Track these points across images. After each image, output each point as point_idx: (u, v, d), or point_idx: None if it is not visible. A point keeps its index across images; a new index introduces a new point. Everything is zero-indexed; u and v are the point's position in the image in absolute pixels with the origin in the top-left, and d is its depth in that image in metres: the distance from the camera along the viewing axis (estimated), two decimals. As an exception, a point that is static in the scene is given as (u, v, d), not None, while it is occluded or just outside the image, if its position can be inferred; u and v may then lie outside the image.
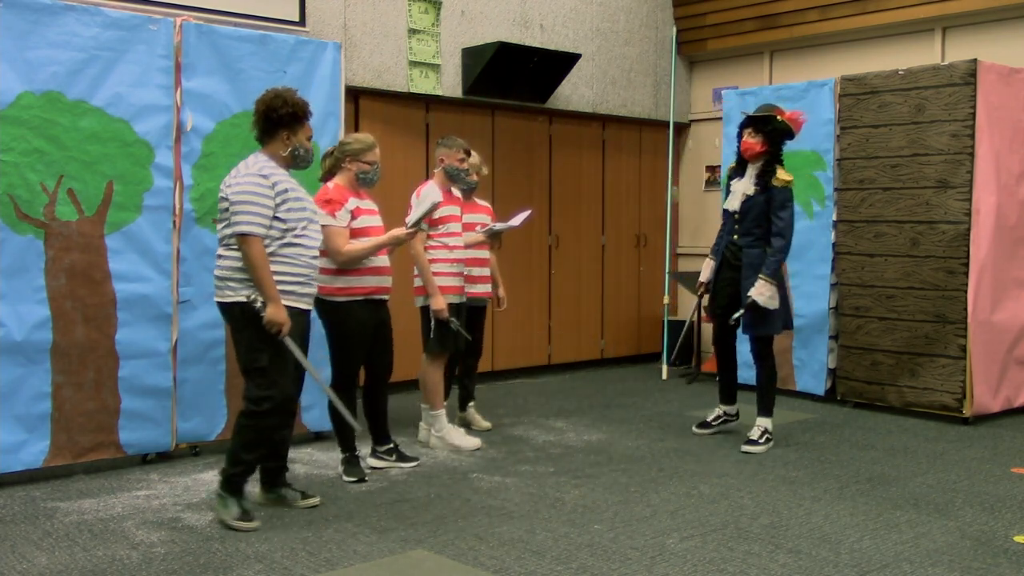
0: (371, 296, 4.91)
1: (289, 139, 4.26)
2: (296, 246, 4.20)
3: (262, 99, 4.27)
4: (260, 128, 4.28)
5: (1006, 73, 6.44)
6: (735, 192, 5.65)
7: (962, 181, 6.25)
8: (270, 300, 4.07)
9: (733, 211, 5.63)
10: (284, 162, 4.28)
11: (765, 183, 5.50)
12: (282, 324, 4.09)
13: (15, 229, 4.71)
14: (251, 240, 4.06)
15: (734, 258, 5.65)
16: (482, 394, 7.08)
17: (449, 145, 5.59)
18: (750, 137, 5.54)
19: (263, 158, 4.24)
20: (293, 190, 4.22)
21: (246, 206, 4.07)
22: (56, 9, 4.81)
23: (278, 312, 4.08)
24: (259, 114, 4.26)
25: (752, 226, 5.55)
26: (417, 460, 5.27)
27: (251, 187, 4.10)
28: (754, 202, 5.53)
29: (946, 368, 6.36)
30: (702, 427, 6.04)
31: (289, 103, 4.23)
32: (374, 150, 4.92)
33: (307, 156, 4.36)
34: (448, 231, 5.54)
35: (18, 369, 4.73)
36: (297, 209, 4.20)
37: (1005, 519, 4.34)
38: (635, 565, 3.74)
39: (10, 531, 4.10)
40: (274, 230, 4.13)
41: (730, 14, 8.74)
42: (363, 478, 4.90)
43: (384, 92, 7.20)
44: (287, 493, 4.50)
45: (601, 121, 8.73)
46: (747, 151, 5.55)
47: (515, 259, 8.09)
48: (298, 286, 4.22)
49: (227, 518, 4.15)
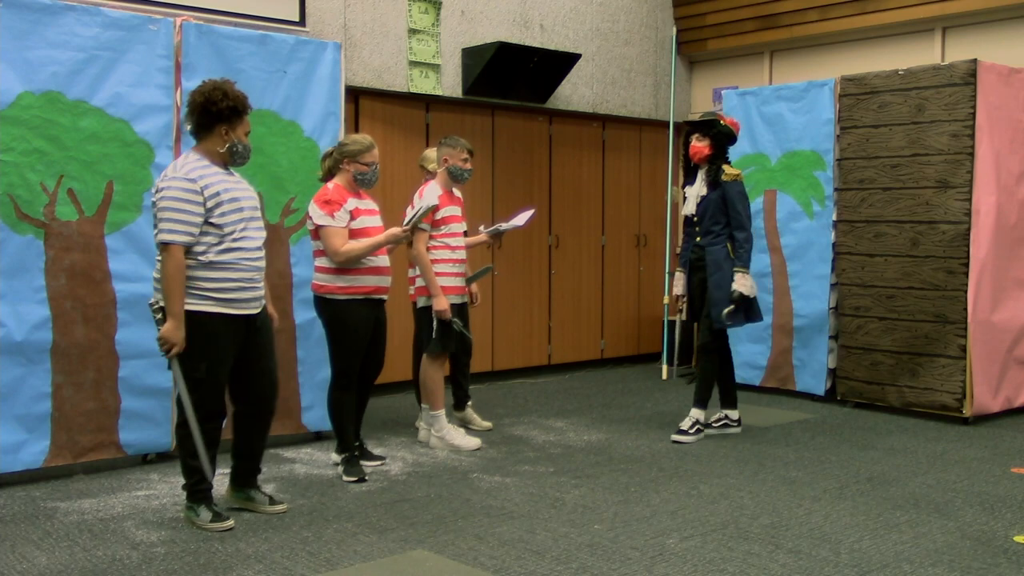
0: (370, 296, 4.92)
1: (227, 134, 4.06)
2: (236, 251, 4.03)
3: (199, 90, 4.05)
4: (196, 122, 4.06)
5: (1006, 73, 6.44)
6: (690, 197, 5.87)
7: (962, 181, 6.25)
8: (171, 315, 3.92)
9: (691, 215, 5.84)
10: (220, 159, 4.09)
11: (715, 181, 5.72)
12: (174, 344, 3.94)
13: (15, 229, 4.71)
14: (171, 249, 3.90)
15: (699, 260, 5.84)
16: (482, 394, 7.09)
17: (452, 145, 5.59)
18: (698, 142, 5.78)
19: (194, 157, 4.05)
20: (228, 191, 4.02)
21: (170, 213, 3.90)
22: (56, 9, 4.81)
23: (175, 331, 3.93)
24: (196, 106, 4.03)
25: (711, 224, 5.74)
26: (383, 459, 5.26)
27: (177, 192, 3.92)
28: (709, 201, 5.74)
29: (946, 368, 6.36)
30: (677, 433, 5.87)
31: (230, 96, 4.03)
32: (372, 151, 4.92)
33: (245, 152, 4.14)
34: (450, 231, 5.54)
35: (18, 369, 4.73)
36: (233, 211, 4.02)
37: (1005, 519, 4.34)
38: (635, 565, 3.74)
39: (10, 531, 4.10)
40: (210, 236, 3.97)
41: (730, 14, 8.74)
42: (363, 478, 4.90)
43: (384, 92, 7.20)
44: (255, 495, 4.41)
45: (601, 121, 8.73)
46: (696, 155, 5.79)
47: (515, 259, 8.09)
48: (239, 292, 4.06)
49: (201, 525, 4.12)
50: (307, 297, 5.25)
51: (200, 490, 4.17)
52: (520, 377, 8.17)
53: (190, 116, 4.09)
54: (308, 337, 5.61)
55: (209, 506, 4.17)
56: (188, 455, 4.13)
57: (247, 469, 4.42)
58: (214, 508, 4.18)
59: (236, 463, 4.41)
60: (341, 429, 5.00)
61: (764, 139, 7.38)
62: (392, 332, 7.14)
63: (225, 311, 4.04)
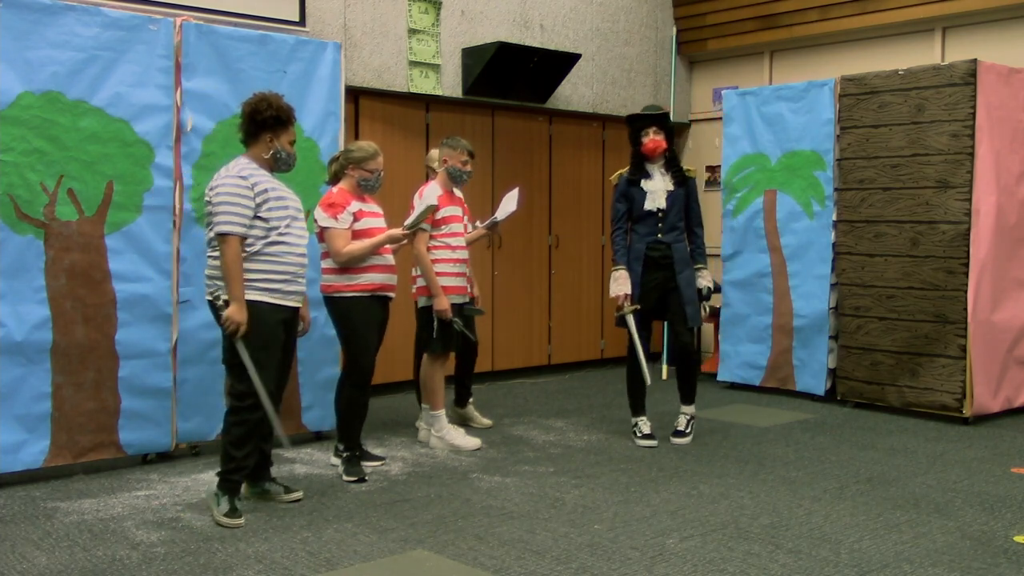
0: (377, 293, 5.00)
1: (272, 142, 4.35)
2: (281, 243, 4.29)
3: (248, 102, 4.37)
4: (245, 130, 4.38)
5: (1006, 73, 6.44)
6: (654, 192, 5.63)
7: (962, 181, 6.25)
8: (234, 299, 4.17)
9: (658, 208, 5.63)
10: (266, 164, 4.38)
11: (682, 177, 5.71)
12: (239, 324, 4.17)
13: (15, 229, 4.71)
14: (229, 239, 4.17)
15: (663, 257, 5.64)
16: (482, 394, 7.09)
17: (453, 146, 5.60)
18: (656, 135, 5.65)
19: (244, 161, 4.34)
20: (274, 190, 4.31)
21: (226, 207, 4.18)
22: (56, 9, 4.81)
23: (238, 312, 4.16)
24: (244, 116, 4.36)
25: (676, 220, 5.69)
26: (382, 459, 5.28)
27: (230, 188, 4.21)
28: (676, 196, 5.69)
29: (946, 368, 6.36)
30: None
31: (274, 107, 4.33)
32: (376, 159, 5.02)
33: (288, 160, 4.44)
34: (451, 231, 5.55)
35: (18, 369, 4.73)
36: (279, 208, 4.30)
37: (1005, 519, 4.34)
38: (635, 565, 3.74)
39: (10, 531, 4.10)
40: (257, 229, 4.24)
41: (730, 14, 8.74)
42: (363, 478, 4.91)
43: (384, 92, 7.20)
44: (270, 487, 4.57)
45: (601, 121, 8.73)
46: (656, 149, 5.64)
47: (515, 259, 8.09)
48: (284, 284, 4.32)
49: (215, 514, 4.24)
50: (308, 297, 5.25)
51: (232, 480, 4.29)
52: (520, 377, 8.17)
53: (240, 124, 4.40)
54: (308, 337, 5.57)
55: (232, 499, 4.26)
56: (231, 442, 4.27)
57: (259, 463, 4.54)
58: (235, 503, 4.27)
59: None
60: (348, 427, 5.04)
61: (764, 139, 7.38)
62: (393, 332, 7.15)
63: (271, 300, 4.28)
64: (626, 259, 5.71)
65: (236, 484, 4.29)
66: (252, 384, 4.22)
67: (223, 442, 4.33)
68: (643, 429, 5.78)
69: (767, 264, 7.33)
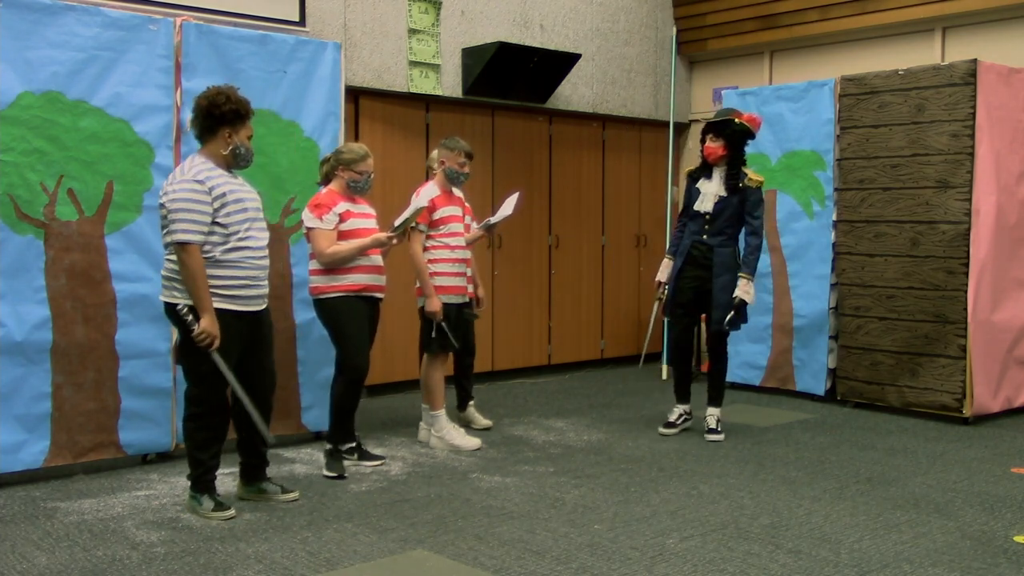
0: (362, 293, 5.01)
1: (231, 137, 4.20)
2: (241, 249, 4.18)
3: (204, 95, 4.20)
4: (201, 125, 4.20)
5: (1006, 73, 6.44)
6: (706, 194, 5.78)
7: (962, 181, 6.25)
8: (203, 311, 4.07)
9: (705, 212, 5.76)
10: (224, 161, 4.22)
11: (735, 184, 5.69)
12: (214, 337, 4.09)
13: (15, 229, 4.71)
14: (189, 248, 4.04)
15: (703, 257, 5.77)
16: (482, 394, 7.08)
17: (451, 147, 5.60)
18: (711, 142, 5.74)
19: (199, 160, 4.18)
20: (232, 192, 4.17)
21: (183, 214, 4.03)
22: (56, 9, 4.81)
23: (211, 324, 4.08)
24: (201, 110, 4.18)
25: (724, 226, 5.73)
26: (382, 459, 5.28)
27: (187, 194, 4.05)
28: (727, 203, 5.71)
29: (946, 368, 6.36)
30: (668, 427, 6.06)
31: (232, 100, 4.18)
32: (366, 160, 5.03)
33: (247, 155, 4.28)
34: (449, 231, 5.55)
35: (18, 369, 4.73)
36: (237, 212, 4.16)
37: (1005, 519, 4.34)
38: (635, 565, 3.74)
39: (10, 531, 4.10)
40: (215, 235, 4.12)
41: (730, 14, 8.74)
42: (343, 475, 4.95)
43: (384, 92, 7.19)
44: (267, 487, 4.57)
45: (601, 121, 8.73)
46: (710, 155, 5.75)
47: (515, 259, 8.09)
48: (244, 289, 4.22)
49: (202, 513, 4.26)
50: (307, 297, 5.26)
51: (204, 480, 4.30)
52: (520, 377, 8.16)
53: (195, 120, 4.23)
54: (308, 337, 5.61)
55: (212, 495, 4.30)
56: (195, 447, 4.26)
57: (254, 464, 4.55)
58: (216, 498, 4.31)
59: (243, 459, 4.55)
60: (340, 422, 5.07)
61: (764, 139, 7.37)
62: (394, 332, 7.17)
63: (232, 307, 4.18)
64: (674, 250, 5.97)
65: (210, 482, 4.32)
66: (209, 389, 4.18)
67: (187, 448, 4.30)
68: (668, 417, 6.12)
69: (767, 264, 7.33)
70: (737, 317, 5.70)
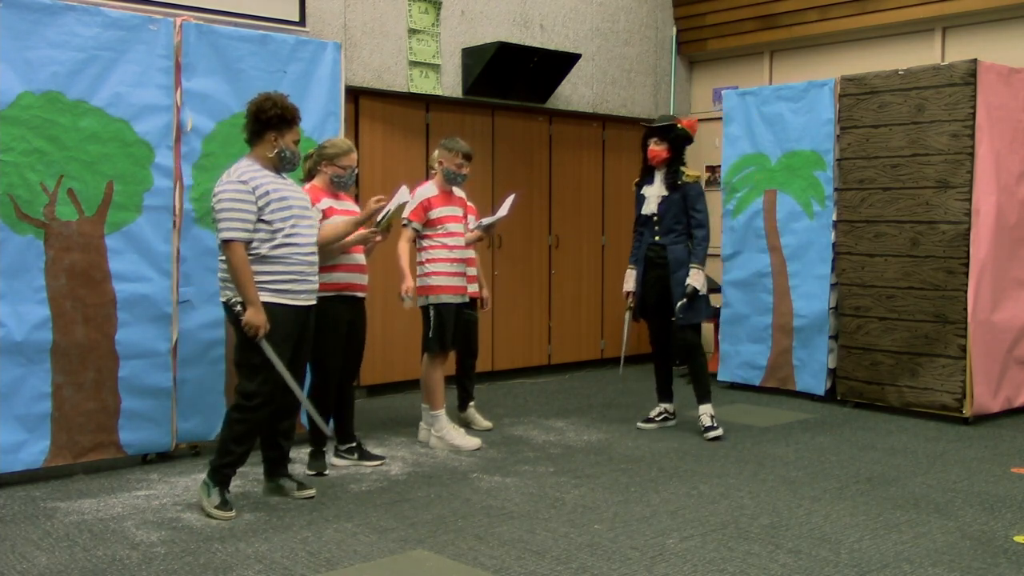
0: (343, 292, 4.98)
1: (276, 141, 4.37)
2: (287, 246, 4.32)
3: (253, 101, 4.41)
4: (249, 130, 4.42)
5: (1006, 73, 6.44)
6: (650, 197, 5.99)
7: (962, 181, 6.25)
8: (249, 303, 4.22)
9: (652, 214, 5.95)
10: (271, 164, 4.40)
11: (674, 183, 5.88)
12: (258, 327, 4.22)
13: (15, 229, 4.71)
14: (233, 246, 4.21)
15: (659, 257, 5.95)
16: (482, 394, 7.08)
17: (449, 148, 5.60)
18: (655, 145, 5.94)
19: (246, 162, 4.37)
20: (277, 191, 4.33)
21: (227, 213, 4.22)
22: (56, 9, 4.81)
23: (256, 315, 4.21)
24: (249, 116, 4.40)
25: (672, 223, 5.90)
26: (382, 459, 5.27)
27: (231, 194, 4.24)
28: (670, 201, 5.90)
29: (946, 368, 6.36)
30: (647, 422, 6.23)
31: (278, 106, 4.36)
32: (350, 155, 5.02)
33: (293, 158, 4.46)
34: (447, 231, 5.55)
35: (18, 369, 4.73)
36: (282, 209, 4.31)
37: (1005, 519, 4.34)
38: (635, 565, 3.74)
39: (10, 531, 4.10)
40: (261, 232, 4.27)
41: (730, 14, 8.74)
42: (323, 472, 4.99)
43: (384, 92, 7.20)
44: (285, 483, 4.63)
45: (601, 121, 8.73)
46: (655, 158, 5.95)
47: (515, 259, 8.09)
48: (293, 284, 4.35)
49: (206, 505, 4.29)
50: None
51: (224, 473, 4.35)
52: (520, 377, 8.16)
53: (245, 125, 4.44)
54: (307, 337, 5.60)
55: (223, 491, 4.33)
56: (231, 437, 4.32)
57: (276, 458, 4.64)
58: (226, 495, 4.33)
59: (265, 454, 4.64)
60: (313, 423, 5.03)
61: (764, 139, 7.38)
62: (394, 332, 7.17)
63: (281, 301, 4.32)
64: (635, 259, 6.13)
65: (227, 477, 4.36)
66: (261, 384, 4.27)
67: (223, 436, 4.36)
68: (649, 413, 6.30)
69: (767, 264, 7.33)
70: (691, 305, 5.79)
